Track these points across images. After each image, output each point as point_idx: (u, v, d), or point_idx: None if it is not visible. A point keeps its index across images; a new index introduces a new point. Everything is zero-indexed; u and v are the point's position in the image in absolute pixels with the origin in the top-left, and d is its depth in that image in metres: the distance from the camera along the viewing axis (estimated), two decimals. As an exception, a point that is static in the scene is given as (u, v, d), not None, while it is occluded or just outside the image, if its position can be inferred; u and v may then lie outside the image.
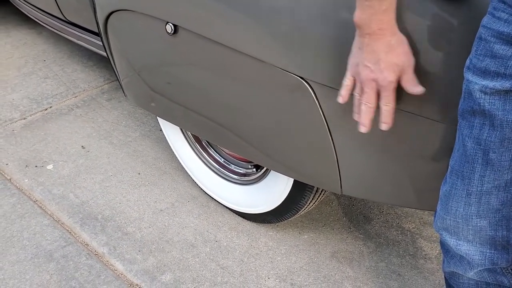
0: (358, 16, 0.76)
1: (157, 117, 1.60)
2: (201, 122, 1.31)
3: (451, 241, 0.80)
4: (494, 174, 0.71)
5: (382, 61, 0.78)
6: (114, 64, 1.53)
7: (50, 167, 1.77)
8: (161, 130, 1.96)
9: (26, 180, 1.71)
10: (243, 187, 1.46)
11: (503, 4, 0.66)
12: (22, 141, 1.90)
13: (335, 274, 1.39)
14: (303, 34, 0.98)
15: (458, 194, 0.76)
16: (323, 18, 0.95)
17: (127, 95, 1.57)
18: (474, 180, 0.73)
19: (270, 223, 1.48)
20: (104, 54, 1.91)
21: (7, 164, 1.78)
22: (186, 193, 1.65)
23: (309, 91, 1.02)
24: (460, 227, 0.78)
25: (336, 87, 0.99)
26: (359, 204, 1.62)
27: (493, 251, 0.78)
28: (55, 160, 1.80)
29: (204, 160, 1.55)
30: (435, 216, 0.83)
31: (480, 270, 0.81)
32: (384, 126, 0.84)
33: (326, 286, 1.35)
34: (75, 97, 2.19)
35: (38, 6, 2.12)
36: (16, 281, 1.36)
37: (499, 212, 0.74)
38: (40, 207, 1.60)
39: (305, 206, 1.31)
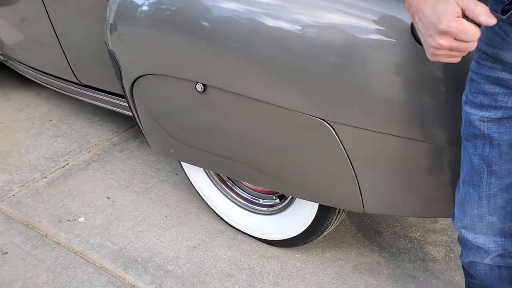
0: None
1: (183, 166, 1.78)
2: (231, 166, 1.50)
3: (470, 236, 1.01)
4: (498, 180, 0.93)
5: (436, 15, 0.77)
6: (140, 122, 1.71)
7: (82, 219, 1.92)
8: (177, 174, 2.13)
9: (62, 234, 1.85)
10: (271, 216, 1.65)
11: (486, 55, 0.88)
12: (49, 199, 2.04)
13: (360, 284, 1.57)
14: (322, 84, 1.19)
15: (472, 199, 0.97)
16: (337, 70, 1.17)
17: (152, 146, 1.75)
18: (483, 187, 0.95)
19: (296, 246, 1.66)
20: (114, 109, 2.10)
21: (40, 222, 1.92)
22: (213, 229, 1.82)
23: (330, 130, 1.23)
24: (476, 224, 0.99)
25: (352, 125, 1.20)
26: (368, 220, 1.83)
27: (503, 240, 0.99)
28: (85, 213, 1.95)
29: (231, 198, 1.73)
30: (453, 218, 1.04)
31: (494, 256, 1.02)
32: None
33: (354, 295, 1.54)
34: (88, 152, 2.35)
35: (48, 72, 2.29)
36: (75, 326, 1.50)
37: (504, 209, 0.96)
38: (82, 257, 1.74)
39: (329, 227, 1.51)
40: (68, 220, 1.91)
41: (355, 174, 1.26)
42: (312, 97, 1.21)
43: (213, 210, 1.81)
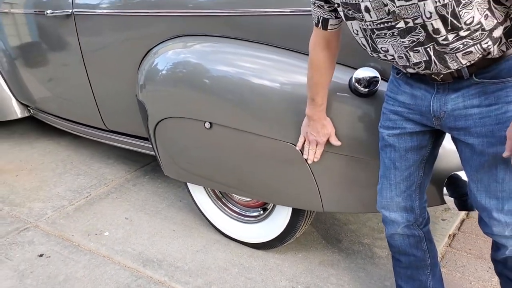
0: (307, 111, 1.62)
1: (188, 186, 2.33)
2: (227, 183, 2.05)
3: (386, 213, 1.57)
4: (400, 173, 1.51)
5: (319, 132, 1.63)
6: (158, 154, 2.27)
7: (106, 233, 2.42)
8: (180, 201, 2.67)
9: (91, 244, 2.34)
10: (256, 224, 2.18)
11: (390, 97, 1.49)
12: (78, 219, 2.55)
13: (324, 273, 2.10)
14: (292, 121, 1.77)
15: (385, 187, 1.54)
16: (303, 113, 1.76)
17: (167, 173, 2.30)
18: (391, 178, 1.52)
19: (275, 247, 2.19)
20: (135, 149, 2.66)
21: (72, 235, 2.41)
22: (211, 239, 2.34)
23: (297, 150, 1.80)
24: (389, 204, 1.56)
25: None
26: (331, 231, 2.37)
27: (406, 214, 1.55)
28: (109, 229, 2.45)
29: (225, 212, 2.28)
30: (377, 203, 1.60)
31: (402, 227, 1.58)
32: (314, 160, 1.71)
33: (319, 280, 2.05)
34: (106, 186, 2.88)
35: (78, 121, 2.86)
36: (109, 304, 1.98)
37: (405, 192, 1.53)
38: (109, 259, 2.23)
39: (300, 229, 2.05)
40: (96, 234, 2.42)
41: (316, 183, 1.83)
42: (285, 129, 1.80)
43: (211, 223, 2.34)
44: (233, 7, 1.91)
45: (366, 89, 1.64)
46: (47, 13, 2.53)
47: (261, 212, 2.20)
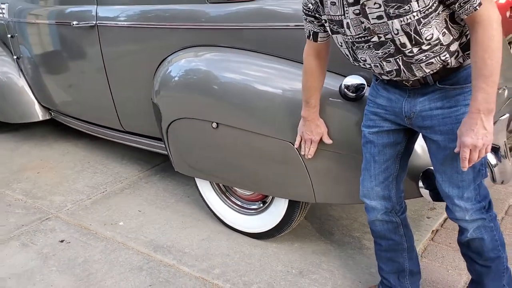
0: (303, 113, 1.86)
1: (196, 181, 2.58)
2: (230, 178, 2.30)
3: (367, 201, 1.81)
4: (379, 165, 1.75)
5: (313, 131, 1.87)
6: (170, 152, 2.53)
7: (121, 223, 2.67)
8: (188, 197, 2.92)
9: (108, 232, 2.60)
10: (256, 216, 2.43)
11: (370, 101, 1.74)
12: (95, 211, 2.80)
13: (316, 260, 2.33)
14: (291, 122, 2.03)
15: (366, 178, 1.79)
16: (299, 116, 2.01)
17: (177, 169, 2.55)
18: (371, 170, 1.77)
19: (273, 236, 2.43)
20: (148, 149, 2.92)
21: (90, 224, 2.67)
22: (215, 229, 2.59)
23: (293, 147, 2.05)
24: (370, 193, 1.80)
25: (307, 145, 2.03)
26: (325, 225, 2.61)
27: (384, 202, 1.79)
28: (123, 219, 2.71)
29: (229, 204, 2.52)
30: (360, 192, 1.84)
31: (381, 213, 1.82)
32: (308, 157, 1.95)
33: (311, 266, 2.29)
34: (121, 182, 3.14)
35: (97, 122, 3.13)
36: (123, 282, 2.22)
37: (383, 183, 1.77)
38: (124, 245, 2.48)
39: (296, 220, 2.29)
40: (111, 224, 2.67)
41: (309, 176, 2.08)
42: (284, 129, 2.05)
43: (215, 215, 2.59)
44: (241, 21, 2.18)
45: (354, 94, 1.89)
46: (73, 24, 2.82)
47: (261, 205, 2.44)
